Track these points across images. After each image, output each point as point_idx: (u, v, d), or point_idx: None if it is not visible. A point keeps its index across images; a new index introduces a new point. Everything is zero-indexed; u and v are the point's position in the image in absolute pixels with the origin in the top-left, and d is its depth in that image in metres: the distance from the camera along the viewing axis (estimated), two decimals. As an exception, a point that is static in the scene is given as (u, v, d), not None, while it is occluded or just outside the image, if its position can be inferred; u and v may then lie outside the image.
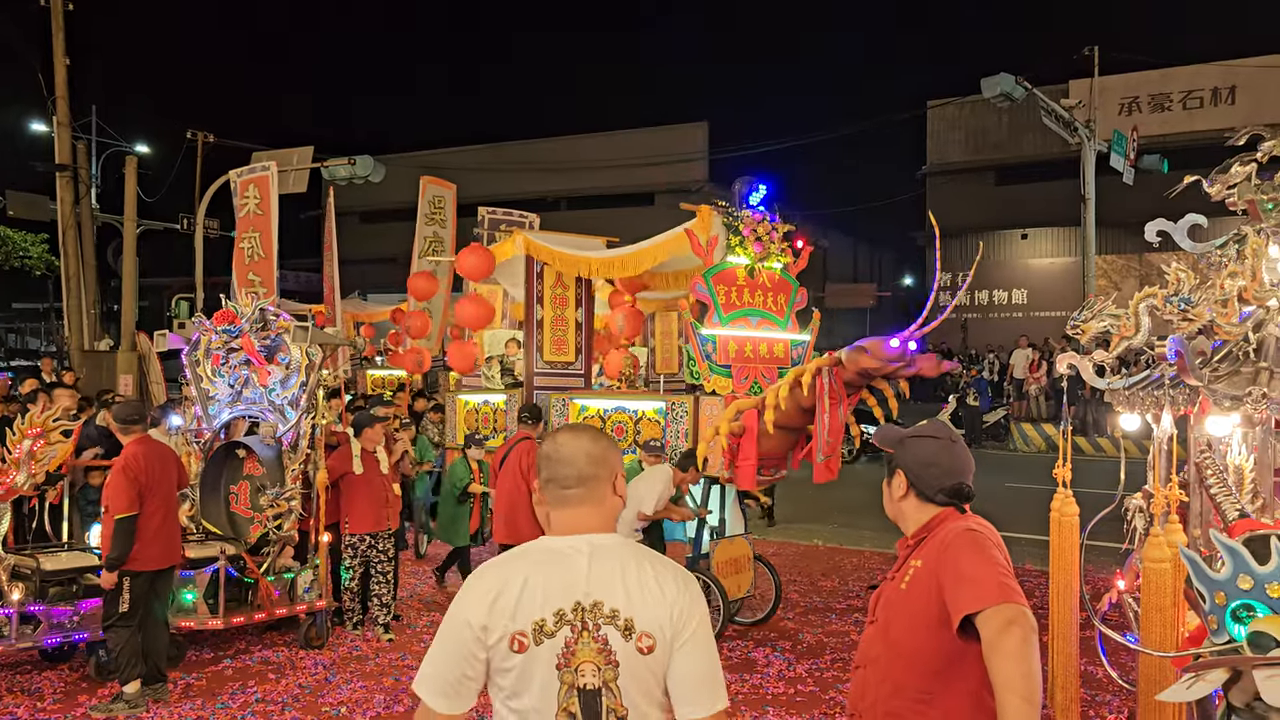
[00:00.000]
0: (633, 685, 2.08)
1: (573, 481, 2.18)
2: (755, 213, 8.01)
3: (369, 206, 34.60)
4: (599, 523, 2.19)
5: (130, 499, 5.93)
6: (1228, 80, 25.71)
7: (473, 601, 2.10)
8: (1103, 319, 4.48)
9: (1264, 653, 2.10)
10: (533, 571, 2.11)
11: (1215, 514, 3.89)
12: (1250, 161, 4.34)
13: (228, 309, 7.70)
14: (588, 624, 2.08)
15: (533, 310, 9.58)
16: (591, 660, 2.07)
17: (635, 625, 2.08)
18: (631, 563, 2.14)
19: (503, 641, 2.06)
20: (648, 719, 2.09)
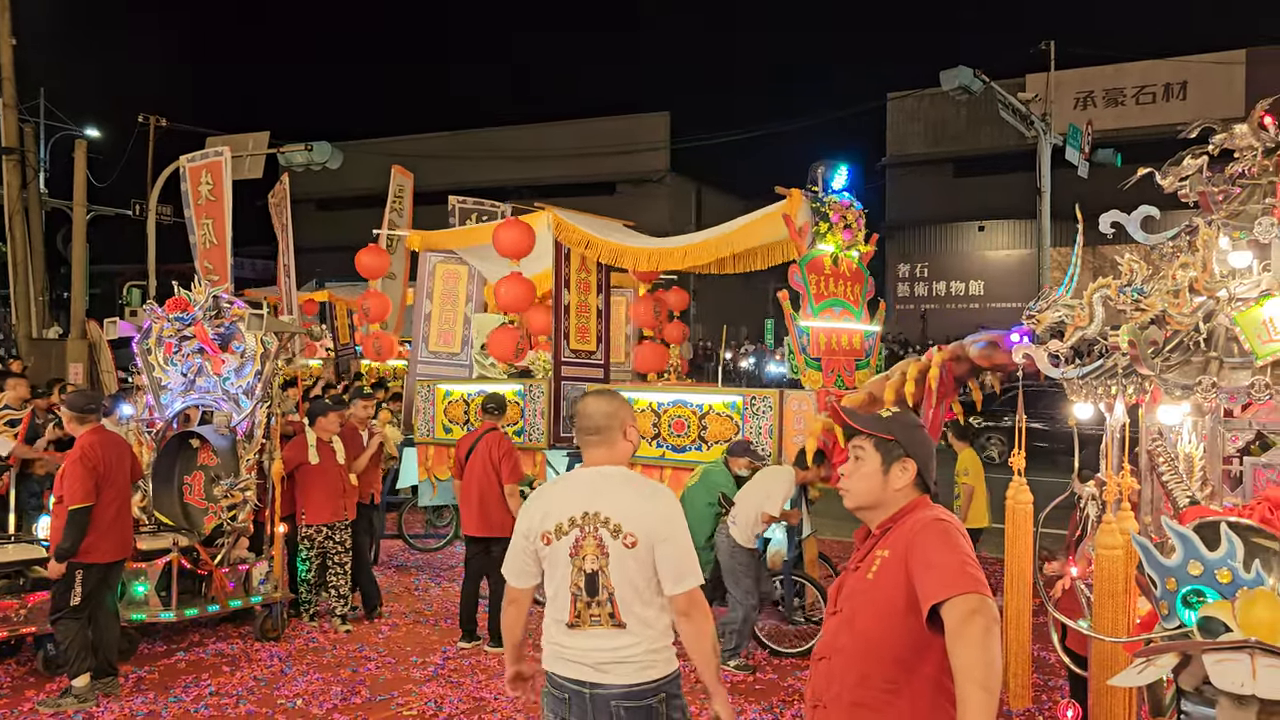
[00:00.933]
0: (618, 568, 3.04)
1: (592, 430, 3.19)
2: (842, 199, 7.76)
3: (326, 194, 34.17)
4: (610, 459, 3.20)
5: (88, 489, 5.84)
6: (1180, 76, 26.16)
7: (525, 516, 3.24)
8: (1057, 309, 4.53)
9: (1213, 637, 2.13)
10: (559, 491, 3.22)
11: (1166, 501, 3.96)
12: (1202, 154, 4.40)
13: (180, 296, 7.56)
14: (588, 527, 3.08)
15: (560, 295, 9.07)
16: (592, 551, 3.07)
17: (622, 528, 3.04)
18: (624, 485, 3.14)
19: (539, 539, 3.16)
20: (630, 590, 3.05)
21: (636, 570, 3.03)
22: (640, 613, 3.05)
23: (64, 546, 5.81)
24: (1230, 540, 2.19)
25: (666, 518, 3.08)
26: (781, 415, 7.47)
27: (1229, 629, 2.12)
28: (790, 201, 7.61)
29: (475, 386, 9.51)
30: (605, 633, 3.07)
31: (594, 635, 3.07)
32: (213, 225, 12.39)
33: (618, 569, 3.03)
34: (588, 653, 3.08)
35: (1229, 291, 3.85)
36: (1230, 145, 4.31)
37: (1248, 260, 3.96)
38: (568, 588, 3.09)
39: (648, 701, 3.05)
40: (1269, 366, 3.67)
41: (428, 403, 9.68)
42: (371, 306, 12.01)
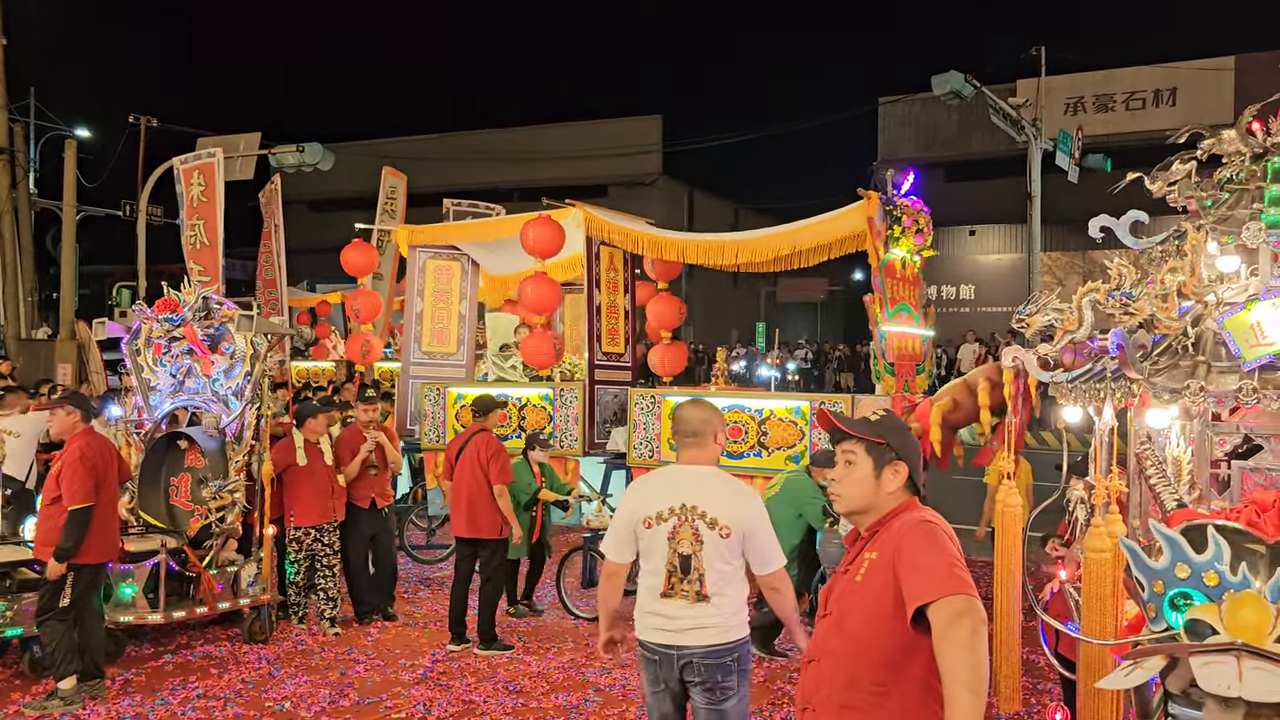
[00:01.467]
0: (711, 553, 3.65)
1: (690, 434, 3.76)
2: (914, 202, 7.68)
3: (318, 195, 34.10)
4: (703, 459, 3.80)
5: (89, 490, 5.85)
6: (1169, 82, 26.28)
7: (629, 499, 3.84)
8: (1047, 313, 4.55)
9: (1200, 640, 2.14)
10: (659, 484, 3.81)
11: (1154, 504, 3.97)
12: (1190, 160, 4.43)
13: (170, 297, 7.53)
14: (685, 517, 3.67)
15: (592, 295, 8.88)
16: (688, 538, 3.66)
17: (718, 521, 3.66)
18: (718, 483, 3.76)
19: (641, 522, 3.72)
20: (716, 572, 3.65)
21: (727, 556, 3.67)
22: (723, 589, 3.67)
23: (65, 546, 5.78)
24: (1217, 543, 2.19)
25: (756, 513, 3.75)
26: None
27: (1216, 632, 2.13)
28: (869, 204, 7.50)
29: (494, 390, 9.13)
30: (691, 604, 3.67)
31: (682, 605, 3.68)
32: (204, 226, 12.34)
33: (711, 554, 3.65)
34: (674, 619, 3.68)
35: (1217, 296, 3.87)
36: (1218, 151, 4.34)
37: (1235, 265, 3.98)
38: (664, 565, 3.70)
39: (724, 660, 3.68)
40: (1256, 370, 3.69)
41: (437, 407, 9.39)
42: (362, 306, 11.59)
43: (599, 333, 8.86)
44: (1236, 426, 4.05)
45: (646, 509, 3.72)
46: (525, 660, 6.90)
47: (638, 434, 8.17)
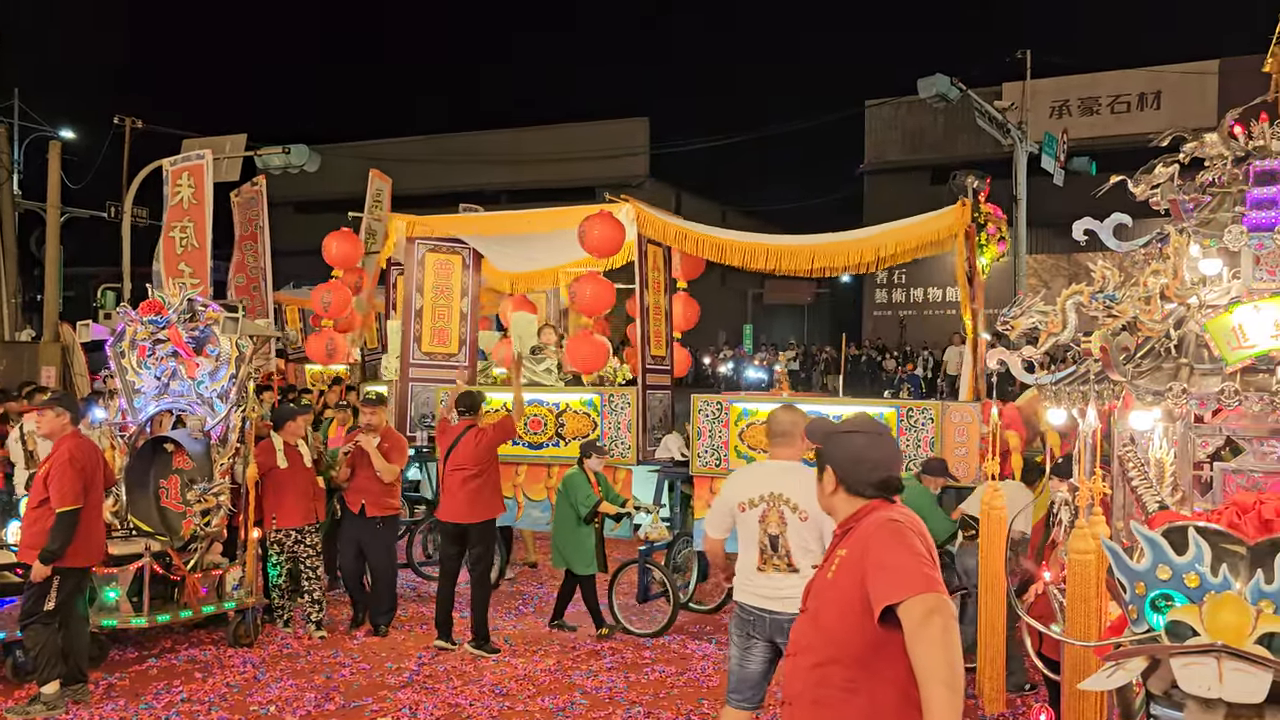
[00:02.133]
0: (793, 535, 4.33)
1: (781, 434, 4.46)
2: (997, 210, 7.67)
3: (304, 197, 33.99)
4: (791, 456, 4.46)
5: (77, 492, 5.82)
6: (1154, 85, 26.45)
7: (729, 487, 4.60)
8: (1031, 316, 4.56)
9: (1181, 641, 2.15)
10: (754, 474, 4.59)
11: (1137, 506, 3.99)
12: (1173, 163, 4.46)
13: (154, 299, 7.49)
14: (773, 503, 4.37)
15: (643, 295, 8.48)
16: (775, 520, 4.35)
17: (799, 506, 4.31)
18: (802, 474, 4.23)
19: (737, 505, 4.48)
20: (799, 549, 4.31)
21: (806, 536, 4.32)
22: (806, 562, 4.27)
23: (52, 549, 5.75)
24: (1198, 545, 2.21)
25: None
26: (942, 428, 7.37)
27: (1196, 633, 2.14)
28: (964, 211, 7.54)
29: (526, 395, 8.43)
30: (782, 575, 4.34)
31: (776, 577, 4.35)
32: (194, 228, 12.29)
33: (793, 534, 4.33)
34: (768, 588, 4.36)
35: (1199, 298, 3.89)
36: (1201, 154, 4.37)
37: (1218, 267, 4.01)
38: (756, 543, 4.40)
39: None
40: (1238, 373, 3.71)
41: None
42: (332, 300, 10.30)
43: (649, 334, 8.44)
44: (1219, 429, 4.07)
45: (742, 495, 4.47)
46: (512, 663, 6.89)
47: (702, 442, 7.83)
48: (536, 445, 8.57)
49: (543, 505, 8.51)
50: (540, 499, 8.60)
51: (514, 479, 8.55)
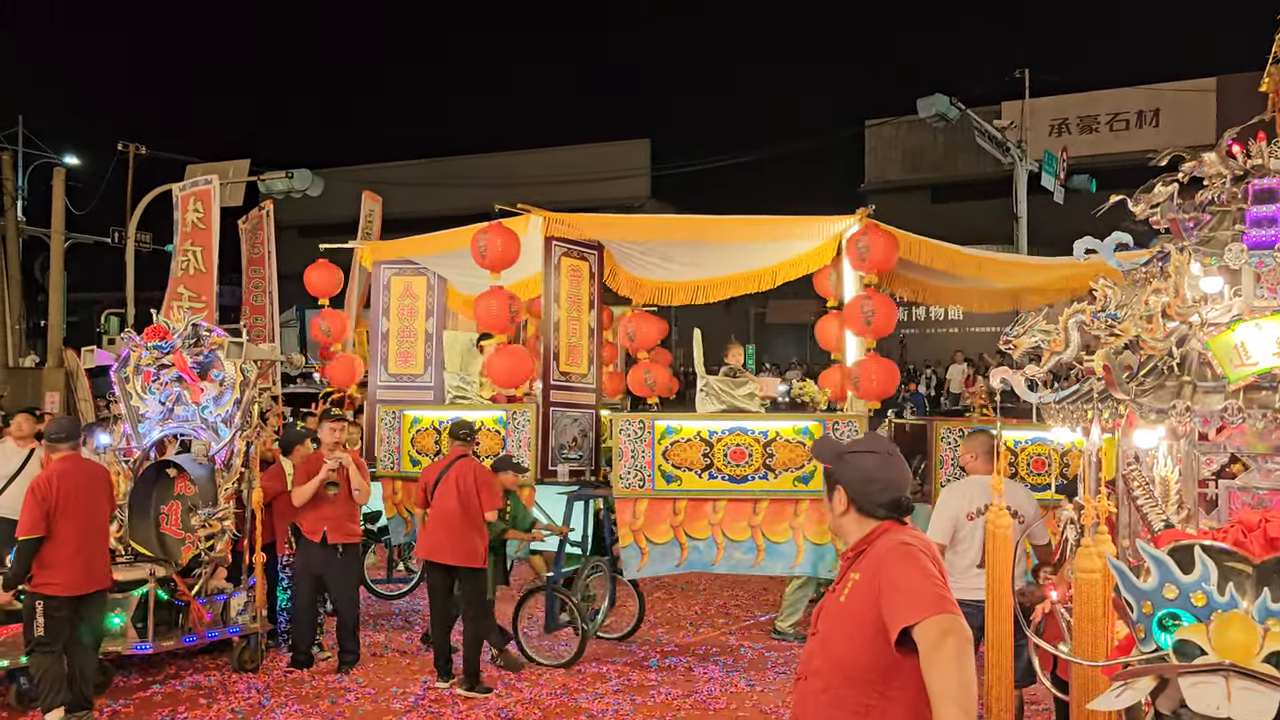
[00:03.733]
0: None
1: (986, 452, 5.49)
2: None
3: (308, 220, 34.14)
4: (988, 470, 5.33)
5: (35, 521, 5.71)
6: (1152, 103, 26.55)
7: (953, 498, 5.58)
8: (1034, 334, 4.58)
9: (1189, 660, 2.15)
10: (972, 489, 5.48)
11: (1143, 525, 3.99)
12: (1173, 182, 4.48)
13: (159, 324, 7.53)
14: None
15: (550, 310, 8.09)
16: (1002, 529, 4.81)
17: (1018, 512, 5.24)
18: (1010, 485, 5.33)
19: (963, 516, 5.45)
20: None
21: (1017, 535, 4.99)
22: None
23: (9, 575, 5.79)
24: (1204, 564, 2.21)
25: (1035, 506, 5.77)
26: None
27: (1204, 652, 2.14)
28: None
29: (450, 413, 8.44)
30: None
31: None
32: (201, 253, 12.39)
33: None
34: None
35: (1201, 316, 3.90)
36: (1200, 173, 4.39)
37: (1219, 286, 4.02)
38: (980, 544, 5.25)
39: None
40: (1241, 390, 3.72)
41: (393, 430, 8.70)
42: (331, 327, 10.59)
43: (557, 350, 8.06)
44: (1223, 446, 4.07)
45: (969, 506, 5.41)
46: (517, 686, 6.86)
47: (624, 462, 7.41)
48: (739, 479, 7.49)
49: (745, 545, 7.44)
50: (743, 538, 7.46)
51: (710, 516, 7.52)
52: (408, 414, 8.76)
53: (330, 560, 7.11)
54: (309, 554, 7.16)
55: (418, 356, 9.80)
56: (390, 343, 9.79)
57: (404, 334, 9.83)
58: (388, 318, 9.81)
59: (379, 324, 9.80)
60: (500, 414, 8.14)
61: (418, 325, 9.82)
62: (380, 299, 9.83)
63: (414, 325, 9.82)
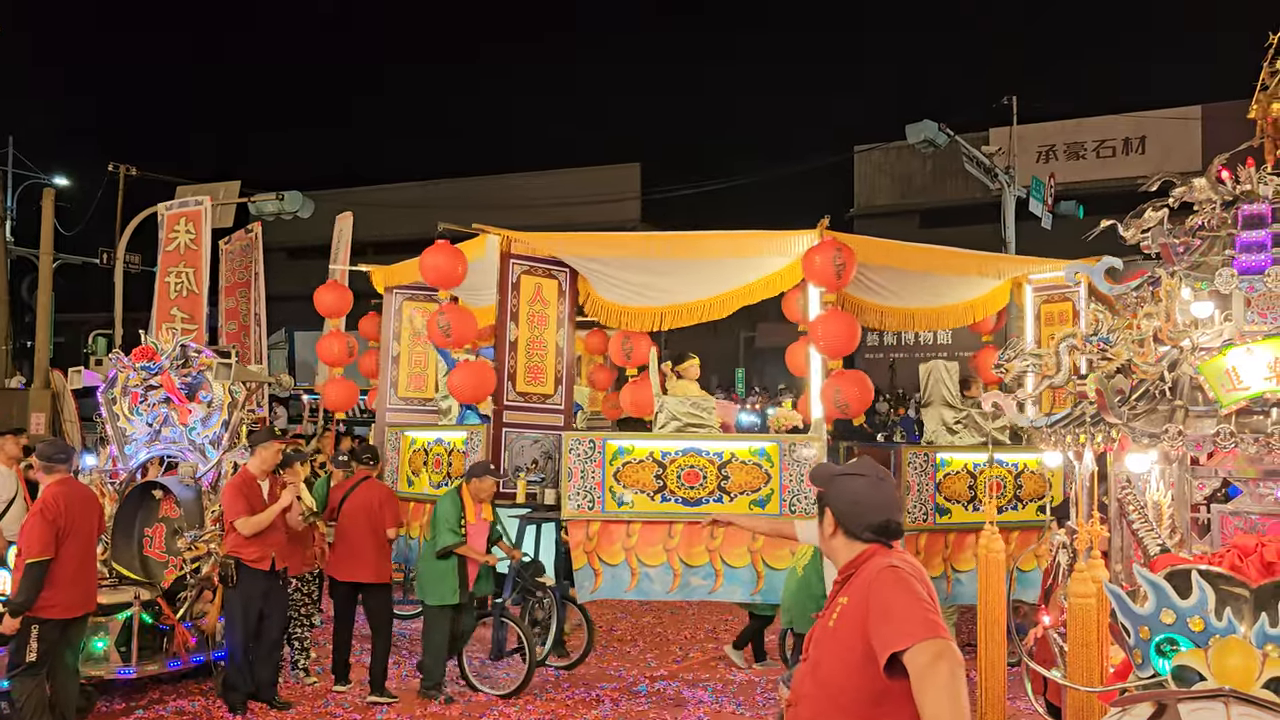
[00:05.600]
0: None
1: None
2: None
3: (299, 243, 34.11)
4: None
5: (46, 543, 5.64)
6: (1138, 131, 26.81)
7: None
8: (1025, 359, 4.59)
9: (1188, 686, 2.14)
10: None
11: (1136, 548, 3.98)
12: (1163, 207, 4.51)
13: (147, 345, 7.49)
14: None
15: (505, 330, 8.00)
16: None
17: None
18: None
19: None
20: None
21: None
22: None
23: (19, 601, 5.63)
24: (1201, 588, 2.20)
25: None
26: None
27: (1204, 678, 2.13)
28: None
29: (433, 434, 8.51)
30: None
31: None
32: (193, 274, 12.39)
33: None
34: None
35: (1192, 341, 3.91)
36: (1190, 198, 4.42)
37: (1209, 310, 4.04)
38: None
39: None
40: (1233, 415, 3.73)
41: (394, 451, 8.77)
42: (331, 350, 10.43)
43: (513, 370, 7.88)
44: (1215, 471, 4.08)
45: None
46: (505, 713, 6.79)
47: (574, 483, 7.18)
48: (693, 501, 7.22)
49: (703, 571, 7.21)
50: (783, 566, 7.08)
51: (750, 544, 7.13)
52: (406, 435, 8.80)
53: (272, 588, 6.73)
54: (252, 584, 6.60)
55: (428, 379, 9.83)
56: (401, 366, 9.80)
57: (414, 358, 9.86)
58: (398, 341, 9.81)
59: (389, 348, 9.78)
60: (465, 435, 8.05)
61: (428, 349, 9.75)
62: (390, 323, 9.80)
63: (424, 349, 9.76)
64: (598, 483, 7.21)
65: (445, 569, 6.97)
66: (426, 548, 7.18)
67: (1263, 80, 4.60)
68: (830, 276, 7.11)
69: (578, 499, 7.19)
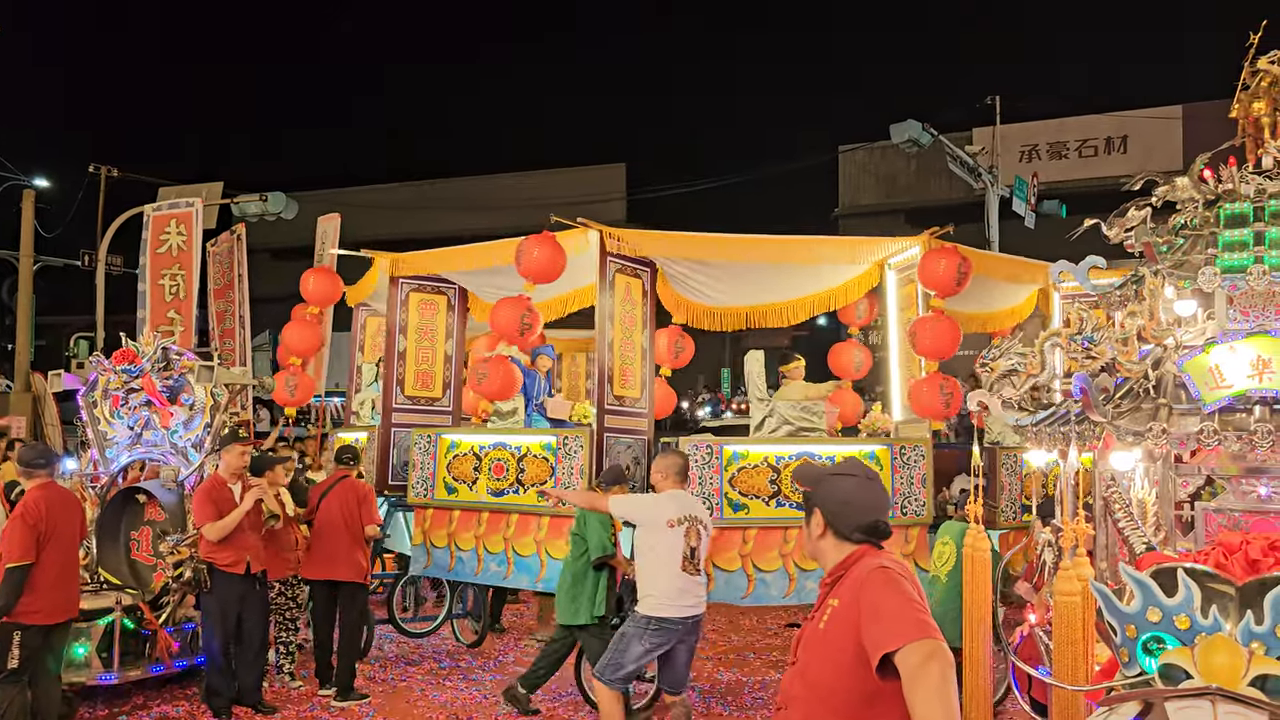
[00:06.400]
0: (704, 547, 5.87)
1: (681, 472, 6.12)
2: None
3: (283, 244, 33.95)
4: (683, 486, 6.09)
5: (26, 547, 5.57)
6: (1120, 130, 26.98)
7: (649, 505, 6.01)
8: (1010, 358, 4.60)
9: (1175, 685, 2.14)
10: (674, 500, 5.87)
11: (1120, 546, 3.99)
12: (1145, 206, 4.53)
13: (128, 348, 7.42)
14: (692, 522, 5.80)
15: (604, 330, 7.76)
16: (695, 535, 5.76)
17: (708, 524, 5.94)
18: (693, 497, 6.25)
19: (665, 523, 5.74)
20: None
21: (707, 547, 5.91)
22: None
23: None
24: (1187, 586, 2.20)
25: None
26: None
27: (1190, 676, 2.13)
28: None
29: (491, 438, 7.96)
30: (696, 579, 5.76)
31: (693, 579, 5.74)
32: (183, 277, 12.31)
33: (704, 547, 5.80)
34: (692, 594, 5.73)
35: (1175, 339, 3.93)
36: (1172, 198, 4.44)
37: (1192, 309, 4.06)
38: (680, 554, 5.71)
39: (701, 617, 5.96)
40: (1217, 412, 3.75)
41: (427, 455, 8.15)
42: (297, 338, 9.79)
43: (611, 372, 7.56)
44: (1198, 468, 4.09)
45: (671, 514, 5.74)
46: (490, 714, 6.76)
47: (415, 473, 8.13)
48: (497, 492, 7.77)
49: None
50: (443, 545, 7.90)
51: (421, 524, 8.00)
52: (445, 437, 8.22)
53: (249, 592, 6.60)
54: (228, 589, 6.49)
55: (436, 379, 9.39)
56: (408, 363, 9.26)
57: (422, 355, 9.37)
58: (405, 337, 9.24)
59: (396, 343, 9.19)
60: (549, 440, 7.63)
61: (437, 346, 9.40)
62: (397, 316, 9.22)
63: (434, 347, 9.37)
64: (715, 489, 7.13)
65: (598, 581, 6.54)
66: (572, 564, 6.64)
67: (1244, 80, 4.62)
68: (950, 283, 7.35)
69: (418, 488, 7.69)
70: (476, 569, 7.70)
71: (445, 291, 9.49)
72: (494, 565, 7.62)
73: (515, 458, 7.55)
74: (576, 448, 7.42)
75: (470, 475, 7.77)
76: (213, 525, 6.38)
